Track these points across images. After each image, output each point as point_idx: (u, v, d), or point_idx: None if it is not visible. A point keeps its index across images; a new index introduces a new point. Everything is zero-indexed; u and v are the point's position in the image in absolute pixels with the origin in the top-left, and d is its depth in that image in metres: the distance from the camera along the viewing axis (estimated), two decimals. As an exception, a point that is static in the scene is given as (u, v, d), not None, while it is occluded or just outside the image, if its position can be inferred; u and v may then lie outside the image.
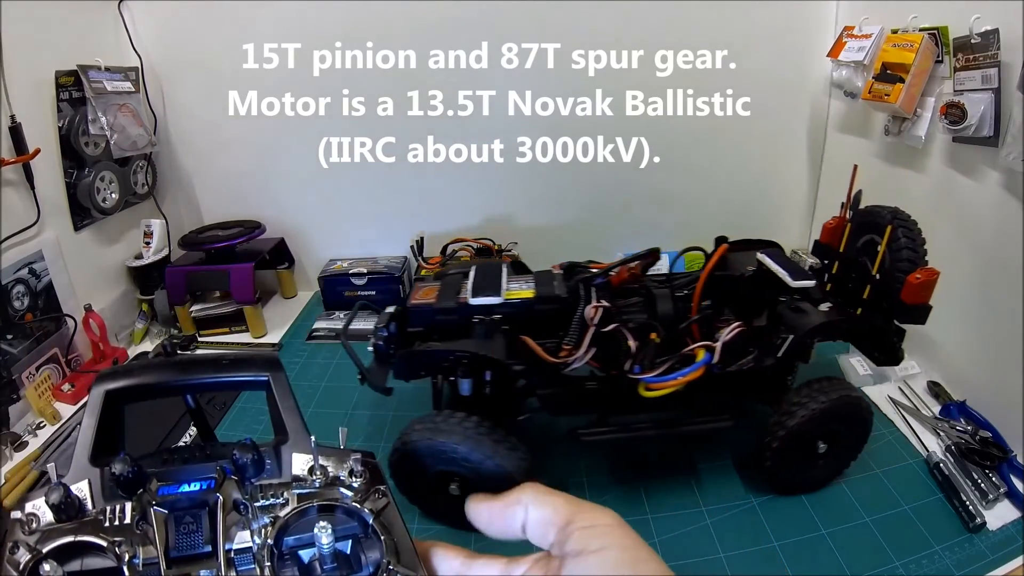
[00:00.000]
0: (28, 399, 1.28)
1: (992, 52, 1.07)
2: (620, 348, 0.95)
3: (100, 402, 0.36)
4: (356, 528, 0.30)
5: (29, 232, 1.31)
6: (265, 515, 0.30)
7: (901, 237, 1.07)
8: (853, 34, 1.44)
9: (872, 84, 1.33)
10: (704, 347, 0.99)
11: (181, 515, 0.29)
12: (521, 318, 0.99)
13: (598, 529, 0.30)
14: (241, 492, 0.31)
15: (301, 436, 0.35)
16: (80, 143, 1.43)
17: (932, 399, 1.29)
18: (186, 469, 0.32)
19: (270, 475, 0.33)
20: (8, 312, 1.26)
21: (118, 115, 1.50)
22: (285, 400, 0.37)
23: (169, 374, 0.39)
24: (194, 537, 0.29)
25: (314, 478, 0.32)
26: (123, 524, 0.29)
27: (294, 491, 0.31)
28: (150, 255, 1.65)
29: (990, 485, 1.03)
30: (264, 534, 0.29)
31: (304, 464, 0.33)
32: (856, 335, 1.16)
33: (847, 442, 1.07)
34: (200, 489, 0.30)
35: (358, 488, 0.32)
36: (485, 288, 1.02)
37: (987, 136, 1.10)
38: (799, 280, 1.07)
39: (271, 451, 0.34)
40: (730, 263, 1.20)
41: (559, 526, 0.31)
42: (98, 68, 1.47)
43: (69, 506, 0.29)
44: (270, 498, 0.31)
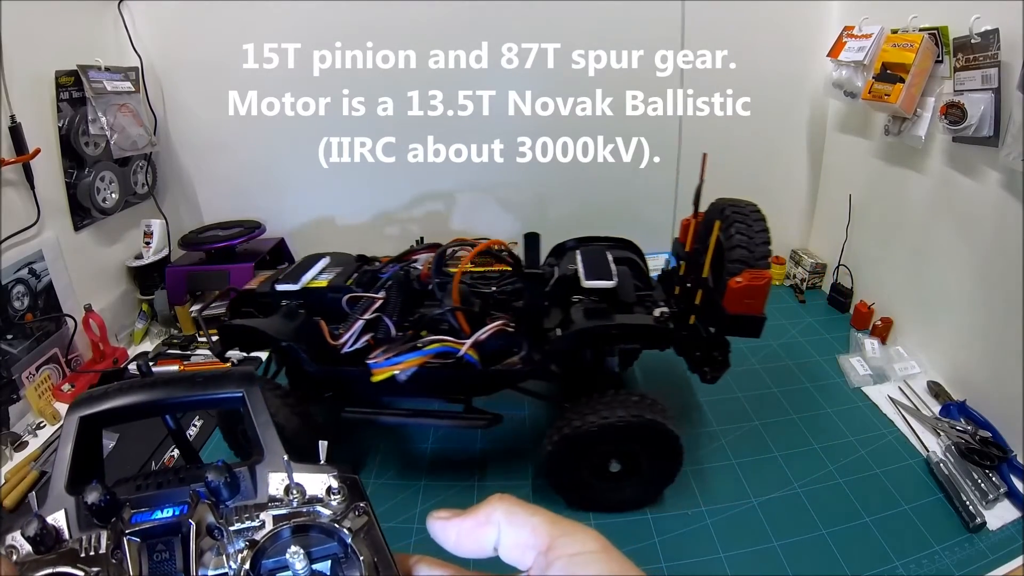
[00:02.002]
0: (28, 399, 1.28)
1: (992, 52, 1.07)
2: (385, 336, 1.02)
3: (75, 429, 0.36)
4: (335, 548, 0.29)
5: (29, 232, 1.31)
6: (241, 539, 0.29)
7: (734, 234, 0.97)
8: (853, 34, 1.44)
9: (872, 84, 1.33)
10: (440, 340, 0.98)
11: (155, 543, 0.29)
12: (316, 304, 1.07)
13: (583, 557, 0.27)
14: (216, 516, 0.30)
15: (277, 454, 0.34)
16: (80, 143, 1.43)
17: (932, 399, 1.29)
18: (159, 495, 0.32)
19: (245, 496, 0.32)
20: (8, 312, 1.26)
21: (118, 115, 1.50)
22: (260, 416, 0.36)
23: (143, 395, 0.38)
24: (167, 565, 0.28)
25: (291, 498, 0.31)
26: (99, 554, 0.29)
27: (270, 512, 0.30)
28: (150, 255, 1.65)
29: (990, 485, 1.03)
30: (240, 559, 0.28)
31: (280, 483, 0.32)
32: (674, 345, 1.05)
33: (651, 469, 1.01)
34: (173, 515, 0.29)
35: (336, 506, 0.31)
36: (291, 276, 1.11)
37: (987, 136, 1.10)
38: (592, 280, 1.02)
39: (246, 471, 0.33)
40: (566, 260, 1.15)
41: (539, 550, 0.28)
42: (98, 68, 1.47)
43: (47, 537, 0.29)
44: (245, 521, 0.30)
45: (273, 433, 0.36)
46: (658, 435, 0.96)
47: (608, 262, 1.09)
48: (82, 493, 0.31)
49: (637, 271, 1.19)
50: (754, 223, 0.98)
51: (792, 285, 1.89)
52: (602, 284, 1.01)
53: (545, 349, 0.99)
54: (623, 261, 1.17)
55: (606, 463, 1.00)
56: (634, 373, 1.43)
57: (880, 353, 1.43)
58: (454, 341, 0.97)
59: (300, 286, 1.08)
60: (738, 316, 0.94)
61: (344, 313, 1.06)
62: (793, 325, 1.65)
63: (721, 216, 1.00)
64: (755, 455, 1.17)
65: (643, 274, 1.20)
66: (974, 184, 1.19)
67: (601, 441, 0.95)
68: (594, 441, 0.95)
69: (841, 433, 1.23)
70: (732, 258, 0.95)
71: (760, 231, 0.97)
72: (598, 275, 1.02)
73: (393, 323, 1.02)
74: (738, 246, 0.95)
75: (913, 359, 1.39)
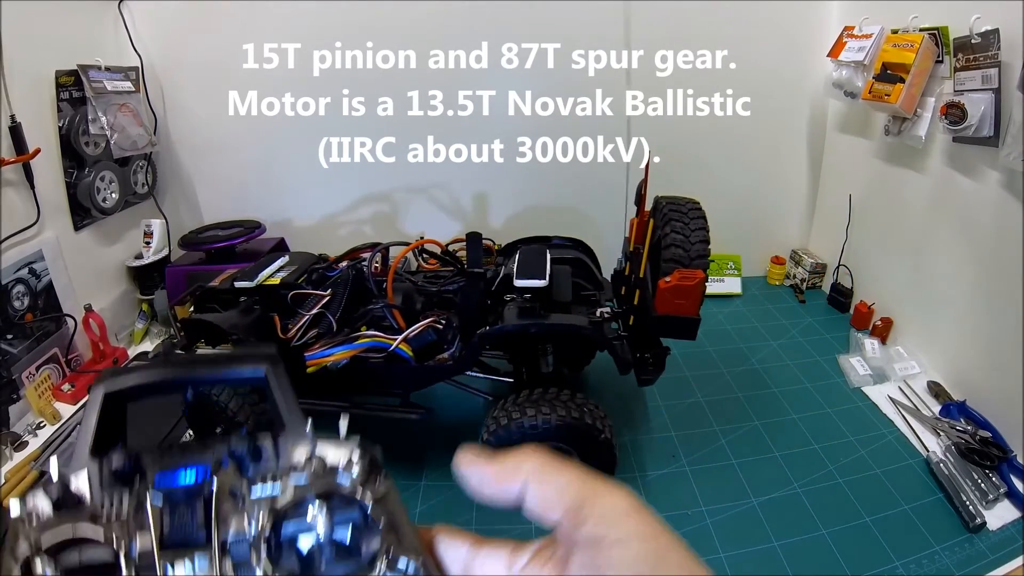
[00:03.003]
0: (28, 399, 1.28)
1: (992, 52, 1.07)
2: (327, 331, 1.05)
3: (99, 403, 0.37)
4: (355, 516, 0.30)
5: (29, 232, 1.31)
6: (262, 505, 0.30)
7: (670, 232, 0.95)
8: (853, 34, 1.44)
9: (872, 84, 1.33)
10: (370, 336, 1.01)
11: (177, 505, 0.30)
12: (271, 300, 1.11)
13: (615, 516, 0.26)
14: (237, 482, 0.31)
15: (298, 426, 0.35)
16: (80, 143, 1.43)
17: (932, 399, 1.29)
18: (183, 460, 0.32)
19: (268, 464, 0.33)
20: (8, 312, 1.26)
21: (118, 115, 1.50)
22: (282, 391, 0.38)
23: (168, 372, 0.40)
24: (189, 527, 0.29)
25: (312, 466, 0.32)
26: (120, 516, 0.29)
27: (291, 480, 0.31)
28: (150, 255, 1.65)
29: (990, 485, 1.03)
30: (260, 524, 0.29)
31: (301, 454, 0.33)
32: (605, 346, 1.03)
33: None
34: (196, 479, 0.30)
35: (357, 476, 0.32)
36: (248, 275, 1.15)
37: (987, 136, 1.10)
38: (523, 279, 1.01)
39: (268, 441, 0.34)
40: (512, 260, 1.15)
41: (567, 508, 0.27)
42: (98, 68, 1.47)
43: (68, 499, 0.30)
44: (267, 487, 0.31)
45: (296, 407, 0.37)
46: (589, 439, 0.94)
47: (544, 261, 1.08)
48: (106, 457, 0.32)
49: (586, 271, 1.20)
50: (692, 221, 0.97)
51: (792, 285, 1.89)
52: (533, 283, 1.01)
53: (467, 346, 1.01)
54: (570, 261, 1.18)
55: None
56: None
57: (880, 353, 1.43)
58: (385, 336, 1.00)
59: (255, 283, 1.12)
60: (669, 317, 0.93)
61: (290, 310, 1.10)
62: (793, 325, 1.65)
63: (659, 214, 0.99)
64: (755, 455, 1.17)
65: (591, 274, 1.21)
66: (974, 184, 1.19)
67: (530, 440, 0.95)
68: (525, 439, 0.95)
69: (841, 433, 1.23)
70: (666, 257, 0.94)
71: (698, 229, 0.96)
72: (530, 274, 1.02)
73: (335, 319, 1.05)
74: (673, 245, 0.94)
75: (913, 359, 1.39)
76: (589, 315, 1.02)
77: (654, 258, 1.03)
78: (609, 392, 1.35)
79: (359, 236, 1.88)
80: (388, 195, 1.82)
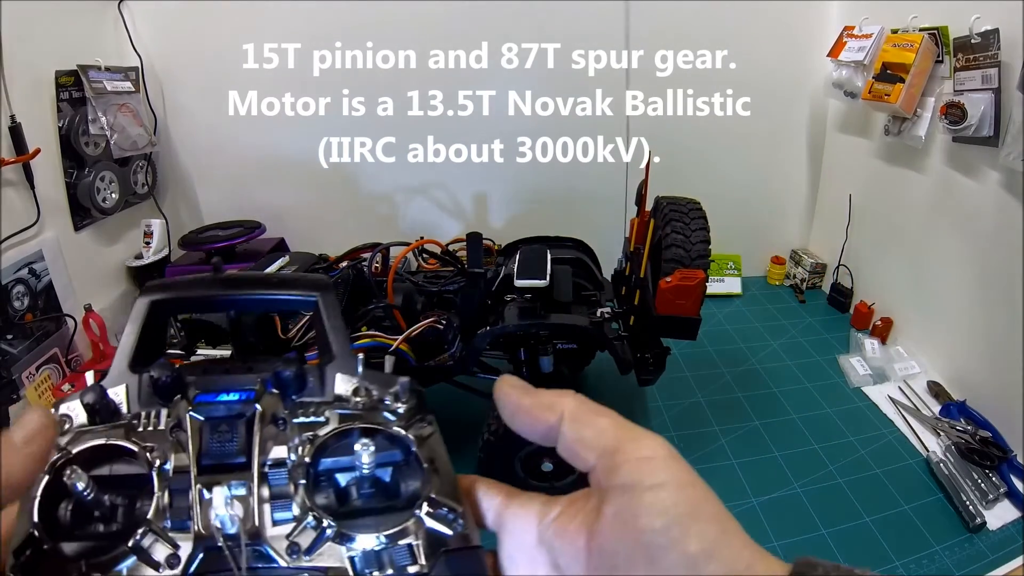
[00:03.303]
0: (28, 399, 1.28)
1: (992, 52, 1.07)
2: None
3: (144, 312, 0.35)
4: (397, 455, 0.29)
5: (29, 232, 1.31)
6: (304, 432, 0.29)
7: (671, 233, 0.95)
8: (853, 34, 1.44)
9: (872, 84, 1.33)
10: (370, 336, 1.00)
11: (217, 424, 0.28)
12: None
13: (652, 463, 0.25)
14: (281, 407, 0.30)
15: (346, 357, 0.33)
16: (80, 143, 1.43)
17: (932, 399, 1.29)
18: (227, 379, 0.31)
19: (312, 393, 0.32)
20: (8, 312, 1.26)
21: (118, 115, 1.50)
22: (333, 320, 0.36)
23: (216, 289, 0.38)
24: (228, 447, 0.28)
25: (358, 399, 0.31)
26: (157, 430, 0.28)
27: (335, 411, 0.30)
28: (150, 255, 1.65)
29: (990, 485, 1.03)
30: (301, 451, 0.28)
31: (348, 385, 0.32)
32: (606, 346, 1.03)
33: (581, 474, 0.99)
34: (239, 399, 0.29)
35: (402, 414, 0.30)
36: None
37: (987, 136, 1.10)
38: (524, 279, 1.01)
39: (315, 369, 0.32)
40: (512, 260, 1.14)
41: (602, 451, 0.26)
42: (98, 68, 1.47)
43: (104, 409, 0.29)
44: (310, 416, 0.30)
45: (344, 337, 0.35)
46: None
47: (545, 261, 1.07)
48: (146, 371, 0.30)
49: (586, 271, 1.20)
50: (692, 221, 0.97)
51: (792, 285, 1.89)
52: (534, 283, 1.00)
53: (468, 346, 1.01)
54: (571, 261, 1.17)
55: (539, 462, 1.00)
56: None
57: (880, 353, 1.43)
58: (385, 337, 0.98)
59: None
60: (669, 317, 0.92)
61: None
62: (793, 325, 1.65)
63: (659, 214, 0.98)
64: (755, 455, 1.18)
65: (592, 274, 1.20)
66: (974, 184, 1.19)
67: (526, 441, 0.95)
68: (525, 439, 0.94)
69: (841, 433, 1.23)
70: (667, 257, 0.94)
71: (698, 230, 0.96)
72: (531, 274, 1.01)
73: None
74: (673, 245, 0.94)
75: (913, 359, 1.39)
76: (590, 315, 1.02)
77: (655, 258, 1.02)
78: (609, 392, 1.35)
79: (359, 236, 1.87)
80: (388, 195, 1.82)
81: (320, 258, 1.26)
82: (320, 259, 1.26)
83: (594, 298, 1.10)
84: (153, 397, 0.30)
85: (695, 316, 0.94)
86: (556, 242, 1.26)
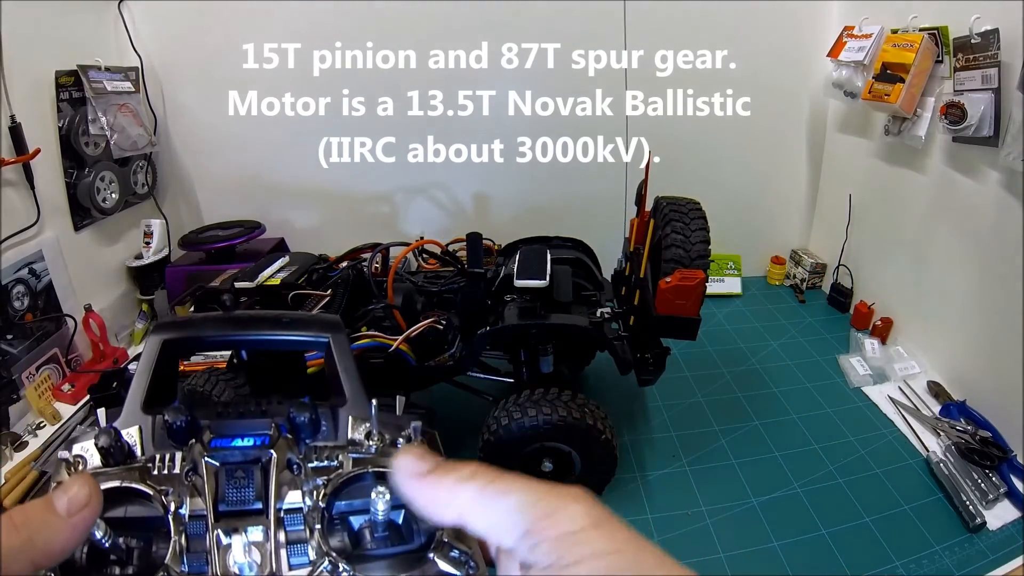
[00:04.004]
0: (28, 399, 1.28)
1: (992, 52, 1.07)
2: None
3: (156, 351, 0.35)
4: None
5: (29, 232, 1.31)
6: (318, 477, 0.29)
7: (670, 233, 0.95)
8: (853, 34, 1.44)
9: (872, 84, 1.33)
10: (370, 336, 0.99)
11: (232, 469, 0.28)
12: (272, 301, 1.08)
13: (571, 538, 0.24)
14: (295, 452, 0.30)
15: (359, 399, 0.33)
16: (80, 143, 1.42)
17: (932, 399, 1.29)
18: (241, 423, 0.31)
19: (325, 437, 0.32)
20: (8, 312, 1.26)
21: (118, 115, 1.50)
22: (345, 362, 0.36)
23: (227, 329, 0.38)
24: (244, 493, 0.28)
25: (370, 443, 0.31)
26: (172, 473, 0.28)
27: (349, 455, 0.30)
28: (150, 255, 1.65)
29: (990, 485, 1.03)
30: (316, 496, 0.28)
31: (361, 428, 0.32)
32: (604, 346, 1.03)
33: (584, 472, 0.99)
34: (254, 444, 0.29)
35: None
36: (248, 275, 1.13)
37: (987, 136, 1.10)
38: (524, 279, 1.01)
39: (328, 412, 0.33)
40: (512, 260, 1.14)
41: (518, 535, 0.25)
42: (98, 68, 1.47)
43: (118, 451, 0.29)
44: (324, 460, 0.30)
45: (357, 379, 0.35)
46: (589, 439, 0.94)
47: (545, 261, 1.07)
48: (160, 412, 0.30)
49: (586, 271, 1.20)
50: (692, 221, 0.97)
51: (792, 285, 1.89)
52: (533, 283, 1.00)
53: (468, 346, 1.00)
54: (570, 261, 1.17)
55: (539, 462, 0.99)
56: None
57: (880, 353, 1.43)
58: (385, 337, 0.98)
59: (256, 284, 1.10)
60: (669, 317, 0.93)
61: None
62: (793, 325, 1.65)
63: (659, 214, 0.99)
64: (755, 455, 1.18)
65: (592, 274, 1.21)
66: (974, 184, 1.19)
67: (531, 440, 0.95)
68: (525, 440, 0.94)
69: (841, 433, 1.23)
70: (667, 257, 0.94)
71: (698, 230, 0.96)
72: (530, 274, 1.01)
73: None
74: (673, 245, 0.94)
75: (913, 359, 1.39)
76: (590, 315, 1.02)
77: (654, 258, 1.02)
78: (609, 392, 1.35)
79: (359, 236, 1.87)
80: (388, 195, 1.82)
81: (320, 258, 1.27)
82: (320, 259, 1.26)
83: (594, 298, 1.10)
84: (167, 439, 0.30)
85: (695, 316, 0.94)
86: (556, 242, 1.26)
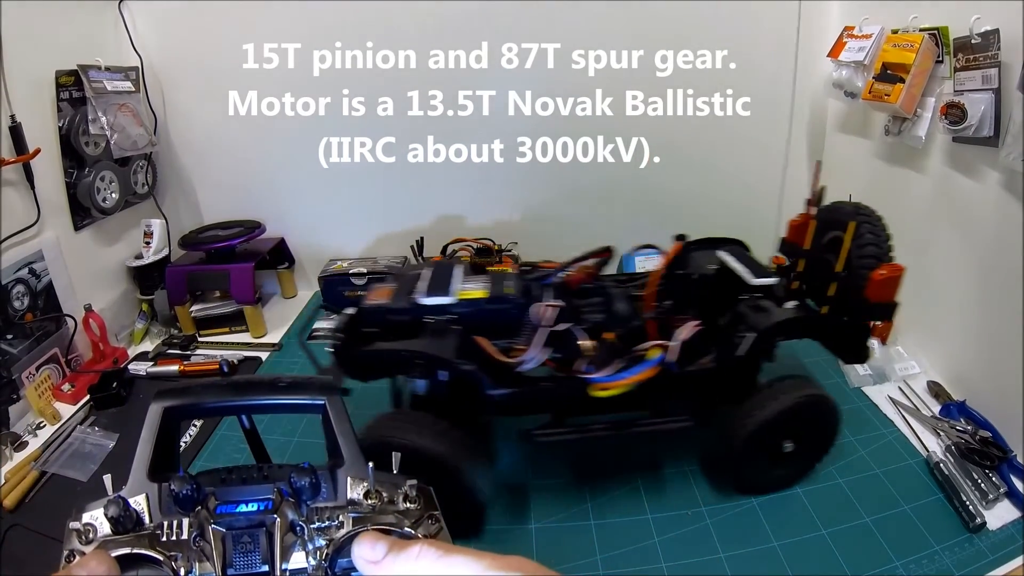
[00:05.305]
0: (28, 399, 1.28)
1: (992, 52, 1.07)
2: (573, 348, 0.95)
3: (159, 419, 0.37)
4: None
5: (29, 232, 1.31)
6: (320, 537, 0.30)
7: (865, 233, 1.07)
8: (853, 34, 1.44)
9: (872, 84, 1.33)
10: (658, 346, 0.96)
11: (239, 534, 0.30)
12: (473, 318, 0.98)
13: None
14: (297, 514, 0.31)
15: (357, 461, 0.35)
16: (80, 143, 1.43)
17: (932, 399, 1.29)
18: (244, 489, 0.33)
19: (326, 498, 0.34)
20: (8, 312, 1.26)
21: (118, 115, 1.50)
22: (341, 424, 0.38)
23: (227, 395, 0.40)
24: (251, 556, 0.29)
25: (369, 502, 0.33)
26: (180, 539, 0.29)
27: (349, 514, 0.32)
28: (150, 255, 1.65)
29: (990, 485, 1.03)
30: (319, 556, 0.30)
31: (359, 488, 0.34)
32: (822, 333, 1.13)
33: (814, 442, 1.07)
34: (258, 509, 0.31)
35: (412, 513, 0.32)
36: (437, 288, 1.01)
37: (987, 136, 1.10)
38: (760, 278, 1.06)
39: (327, 474, 0.35)
40: (692, 262, 1.16)
41: None
42: (98, 68, 1.47)
43: (127, 519, 0.30)
44: (326, 520, 0.31)
45: (354, 441, 0.37)
46: (819, 406, 1.03)
47: (757, 261, 1.14)
48: (165, 480, 0.32)
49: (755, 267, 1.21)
50: (876, 223, 1.09)
51: (792, 285, 1.89)
52: (767, 281, 1.06)
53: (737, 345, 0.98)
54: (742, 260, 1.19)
55: (780, 446, 1.03)
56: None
57: (880, 353, 1.42)
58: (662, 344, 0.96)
59: (453, 298, 0.98)
60: (879, 303, 1.05)
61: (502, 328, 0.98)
62: (793, 325, 1.65)
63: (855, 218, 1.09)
64: (755, 455, 1.17)
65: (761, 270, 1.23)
66: (974, 184, 1.19)
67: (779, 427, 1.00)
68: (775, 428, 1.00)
69: (841, 433, 1.22)
70: (865, 254, 1.06)
71: (883, 230, 1.09)
72: (759, 273, 1.06)
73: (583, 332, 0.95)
74: (869, 244, 1.06)
75: (913, 359, 1.39)
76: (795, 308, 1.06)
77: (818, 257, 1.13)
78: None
79: (359, 236, 1.88)
80: (388, 195, 1.82)
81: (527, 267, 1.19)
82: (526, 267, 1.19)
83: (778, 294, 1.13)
84: (174, 506, 0.32)
85: (896, 300, 1.06)
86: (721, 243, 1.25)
